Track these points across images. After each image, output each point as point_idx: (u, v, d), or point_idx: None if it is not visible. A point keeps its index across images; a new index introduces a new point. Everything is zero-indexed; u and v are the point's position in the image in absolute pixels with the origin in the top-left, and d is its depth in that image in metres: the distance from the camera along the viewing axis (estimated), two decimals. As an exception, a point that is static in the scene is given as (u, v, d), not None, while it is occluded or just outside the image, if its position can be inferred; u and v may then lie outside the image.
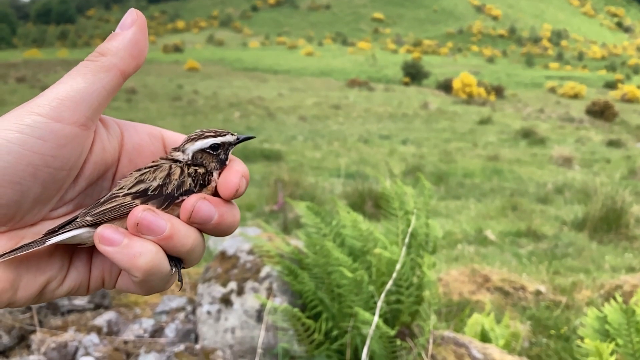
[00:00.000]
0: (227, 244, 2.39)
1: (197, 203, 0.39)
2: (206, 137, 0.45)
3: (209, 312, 2.13)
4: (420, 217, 2.05)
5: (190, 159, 0.44)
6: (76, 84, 0.35)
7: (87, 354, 1.90)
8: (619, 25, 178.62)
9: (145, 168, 0.42)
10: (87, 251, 0.40)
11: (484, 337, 2.33)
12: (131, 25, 0.37)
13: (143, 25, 0.37)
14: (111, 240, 0.36)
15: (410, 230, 1.89)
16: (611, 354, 1.69)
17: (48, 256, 0.38)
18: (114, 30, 0.38)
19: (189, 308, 2.33)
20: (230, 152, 0.46)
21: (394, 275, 1.71)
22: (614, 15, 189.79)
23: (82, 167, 0.37)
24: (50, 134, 0.33)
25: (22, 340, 2.03)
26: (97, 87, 0.35)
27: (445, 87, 28.29)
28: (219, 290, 2.14)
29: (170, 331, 2.14)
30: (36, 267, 0.36)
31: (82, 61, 0.37)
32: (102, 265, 0.40)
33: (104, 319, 2.16)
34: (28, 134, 0.33)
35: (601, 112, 19.07)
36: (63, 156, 0.35)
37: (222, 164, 0.45)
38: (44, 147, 0.34)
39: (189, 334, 2.18)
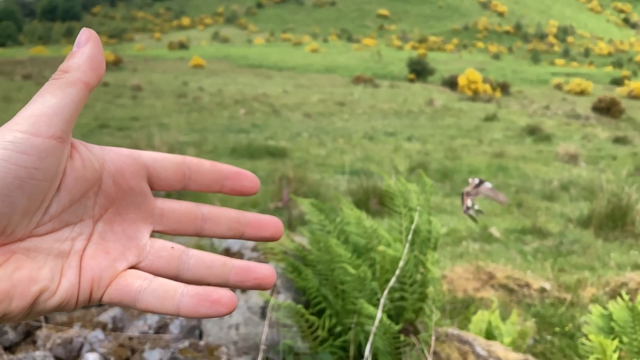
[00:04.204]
0: (231, 241, 2.39)
1: None
2: None
3: (213, 309, 2.14)
4: (423, 214, 2.04)
5: None
6: (47, 101, 0.38)
7: (92, 349, 1.91)
8: (626, 21, 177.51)
9: None
10: (77, 261, 0.41)
11: (489, 335, 2.33)
12: (87, 42, 0.39)
13: (97, 40, 0.40)
14: None
15: (413, 227, 1.89)
16: (615, 350, 1.68)
17: (39, 266, 0.39)
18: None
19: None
20: None
21: (397, 272, 1.71)
22: (621, 11, 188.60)
23: (63, 180, 0.39)
24: (31, 148, 0.36)
25: (28, 336, 2.04)
26: (66, 101, 0.38)
27: (451, 83, 28.21)
28: (223, 287, 2.15)
29: (174, 327, 2.15)
30: (29, 277, 0.38)
31: (48, 80, 0.40)
32: (92, 277, 0.41)
33: (109, 315, 2.17)
34: (12, 150, 0.35)
35: (607, 109, 18.97)
36: (45, 168, 0.37)
37: None
38: (28, 161, 0.36)
39: (194, 331, 2.19)
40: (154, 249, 0.43)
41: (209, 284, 0.43)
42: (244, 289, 0.71)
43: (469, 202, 1.25)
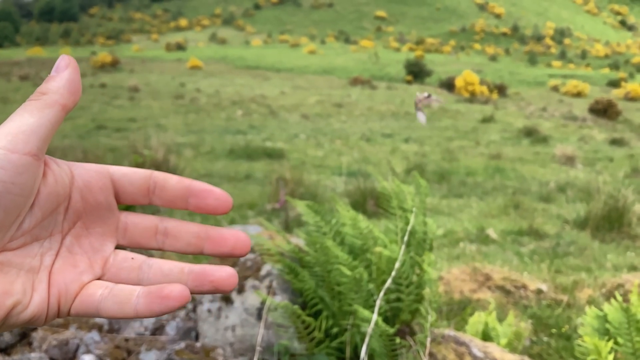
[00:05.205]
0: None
1: None
2: None
3: (209, 310, 2.14)
4: (419, 216, 2.05)
5: None
6: (25, 120, 0.39)
7: (88, 351, 1.91)
8: (623, 23, 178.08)
9: None
10: (47, 276, 0.42)
11: (486, 336, 2.33)
12: (66, 68, 0.42)
13: (75, 66, 0.42)
14: None
15: (409, 228, 1.90)
16: (610, 352, 1.69)
17: (12, 280, 0.39)
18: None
19: (189, 306, 2.34)
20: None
21: (393, 273, 1.71)
22: (618, 13, 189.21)
23: (37, 196, 0.41)
24: (9, 164, 0.37)
25: (24, 337, 2.04)
26: (43, 121, 0.40)
27: (448, 85, 28.22)
28: (219, 288, 2.14)
29: (171, 329, 2.15)
30: (3, 290, 0.39)
31: (26, 100, 0.41)
32: (59, 291, 0.42)
33: (105, 316, 2.17)
34: None
35: (604, 111, 19.01)
36: (21, 183, 0.38)
37: None
38: (5, 176, 0.37)
39: (190, 332, 2.18)
40: (117, 260, 0.44)
41: None
42: (203, 294, 0.72)
43: (420, 106, 1.65)
